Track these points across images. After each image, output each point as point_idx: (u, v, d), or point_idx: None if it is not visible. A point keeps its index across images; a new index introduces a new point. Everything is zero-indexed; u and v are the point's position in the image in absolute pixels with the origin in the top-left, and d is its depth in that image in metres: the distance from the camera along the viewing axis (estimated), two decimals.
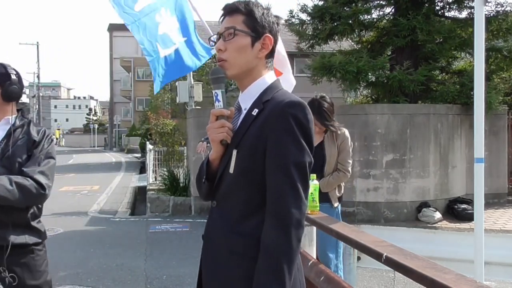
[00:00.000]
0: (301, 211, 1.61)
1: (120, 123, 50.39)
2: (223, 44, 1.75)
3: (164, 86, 21.03)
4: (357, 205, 9.11)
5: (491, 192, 9.98)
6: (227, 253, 1.70)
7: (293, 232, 1.58)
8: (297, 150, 1.62)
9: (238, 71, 1.76)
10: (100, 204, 12.56)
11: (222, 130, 1.71)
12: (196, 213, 10.44)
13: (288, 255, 1.58)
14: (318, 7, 10.69)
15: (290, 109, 1.63)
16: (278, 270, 1.56)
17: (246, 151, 1.67)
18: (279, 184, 1.61)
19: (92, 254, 7.16)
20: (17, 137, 2.62)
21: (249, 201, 1.69)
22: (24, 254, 2.60)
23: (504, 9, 10.27)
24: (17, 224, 2.58)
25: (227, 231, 1.70)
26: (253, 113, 1.71)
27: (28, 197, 2.53)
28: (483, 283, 2.52)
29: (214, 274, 1.75)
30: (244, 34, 1.73)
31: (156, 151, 14.00)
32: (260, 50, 1.75)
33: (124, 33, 51.66)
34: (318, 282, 2.77)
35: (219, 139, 1.72)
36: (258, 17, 1.74)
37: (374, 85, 10.79)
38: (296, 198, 1.60)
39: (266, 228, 1.61)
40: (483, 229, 4.40)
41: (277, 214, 1.60)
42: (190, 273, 6.04)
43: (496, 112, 10.05)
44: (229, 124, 1.72)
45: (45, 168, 2.62)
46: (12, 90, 2.67)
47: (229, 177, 1.71)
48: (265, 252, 1.59)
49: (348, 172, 4.21)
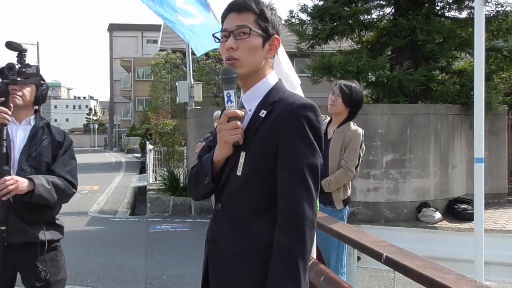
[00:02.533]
0: (314, 211, 1.61)
1: (120, 123, 50.38)
2: (234, 42, 1.71)
3: (164, 86, 21.12)
4: (357, 205, 9.11)
5: (491, 192, 9.98)
6: (235, 256, 1.68)
7: (307, 233, 1.58)
8: (310, 152, 1.63)
9: (248, 70, 1.73)
10: (100, 204, 12.56)
11: (236, 132, 1.66)
12: (196, 213, 10.44)
13: (302, 255, 1.58)
14: (318, 7, 10.70)
15: (303, 111, 1.63)
16: (294, 272, 1.56)
17: (255, 153, 1.66)
18: (293, 185, 1.61)
19: (92, 254, 7.16)
20: (40, 138, 2.68)
21: (256, 203, 1.68)
22: (49, 251, 2.68)
23: (504, 9, 10.28)
24: (46, 222, 2.68)
25: (235, 234, 1.68)
26: (261, 115, 1.69)
27: (63, 196, 2.65)
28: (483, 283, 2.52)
29: (222, 277, 1.73)
30: (257, 34, 1.71)
31: (156, 151, 13.99)
32: (269, 51, 1.75)
33: (124, 33, 51.86)
34: (318, 282, 2.77)
35: (233, 141, 1.67)
36: (269, 17, 1.73)
37: (374, 85, 10.79)
38: (309, 199, 1.61)
39: (280, 230, 1.60)
40: (483, 229, 4.40)
41: (291, 215, 1.59)
42: (190, 273, 6.04)
43: (496, 112, 10.06)
44: (242, 126, 1.68)
45: (71, 168, 2.73)
46: (45, 96, 2.76)
47: (237, 179, 1.69)
48: (280, 253, 1.58)
49: (350, 171, 3.90)
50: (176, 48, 22.02)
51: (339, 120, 4.06)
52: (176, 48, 22.30)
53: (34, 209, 2.60)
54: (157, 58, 21.66)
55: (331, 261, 3.91)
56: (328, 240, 3.63)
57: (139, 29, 52.18)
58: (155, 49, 29.93)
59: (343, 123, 4.03)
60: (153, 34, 45.70)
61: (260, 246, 1.63)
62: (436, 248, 6.40)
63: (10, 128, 2.58)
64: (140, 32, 52.14)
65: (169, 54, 20.71)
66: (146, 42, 52.00)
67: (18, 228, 2.56)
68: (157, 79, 21.85)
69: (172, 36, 27.20)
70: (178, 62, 20.17)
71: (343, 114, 4.04)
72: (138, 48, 52.23)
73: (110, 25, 52.63)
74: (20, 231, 2.56)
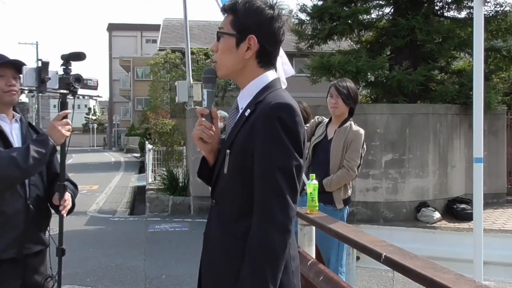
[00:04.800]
0: (286, 216, 1.59)
1: (119, 123, 50.32)
2: (216, 45, 1.77)
3: (163, 86, 21.11)
4: (356, 205, 9.10)
5: (490, 192, 9.96)
6: (221, 253, 1.70)
7: (277, 237, 1.57)
8: (283, 154, 1.59)
9: (226, 72, 1.78)
10: (99, 203, 12.56)
11: (199, 128, 1.75)
12: (195, 212, 10.43)
13: (271, 260, 1.57)
14: (317, 7, 10.69)
15: (276, 112, 1.61)
16: (260, 275, 1.55)
17: (237, 152, 1.68)
18: (264, 189, 1.60)
19: (91, 254, 7.16)
20: (31, 135, 2.61)
21: (242, 202, 1.68)
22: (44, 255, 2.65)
23: (503, 9, 10.28)
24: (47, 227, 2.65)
25: (222, 232, 1.71)
26: (245, 114, 1.71)
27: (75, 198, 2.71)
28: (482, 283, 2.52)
29: (209, 273, 1.77)
30: (228, 36, 1.73)
31: (155, 150, 14.00)
32: (246, 51, 1.72)
33: (123, 32, 51.82)
34: (317, 281, 2.77)
35: (196, 137, 1.76)
36: (242, 17, 1.71)
37: (373, 85, 10.79)
38: (281, 203, 1.58)
39: (252, 232, 1.60)
40: (482, 229, 4.41)
41: (262, 218, 1.59)
42: (189, 272, 6.04)
43: (495, 112, 10.06)
44: (207, 123, 1.75)
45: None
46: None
47: (224, 176, 1.72)
48: (249, 255, 1.59)
49: (352, 171, 3.94)
50: (175, 48, 22.03)
51: (340, 120, 4.09)
52: (175, 48, 22.31)
53: (47, 215, 2.60)
54: (157, 58, 21.67)
55: (331, 261, 3.92)
56: (327, 240, 3.64)
57: (138, 29, 52.13)
58: (155, 49, 29.91)
59: (343, 123, 4.06)
60: (152, 34, 45.68)
61: (243, 244, 1.63)
62: (435, 248, 6.42)
63: (5, 128, 2.48)
64: (139, 32, 52.09)
65: (168, 54, 20.71)
66: (145, 42, 51.96)
67: (35, 237, 2.52)
68: (156, 78, 21.86)
69: (171, 36, 27.27)
70: (177, 62, 20.18)
71: (345, 114, 4.09)
72: (137, 48, 52.18)
73: (109, 24, 52.57)
74: (37, 239, 2.53)
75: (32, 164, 2.33)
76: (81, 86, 2.56)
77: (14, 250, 2.41)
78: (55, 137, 2.46)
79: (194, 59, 17.31)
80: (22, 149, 2.36)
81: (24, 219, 2.44)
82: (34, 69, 2.46)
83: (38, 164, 2.38)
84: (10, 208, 2.39)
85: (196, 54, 18.50)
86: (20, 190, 2.43)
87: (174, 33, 26.89)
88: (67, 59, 2.56)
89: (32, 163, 2.32)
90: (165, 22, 29.49)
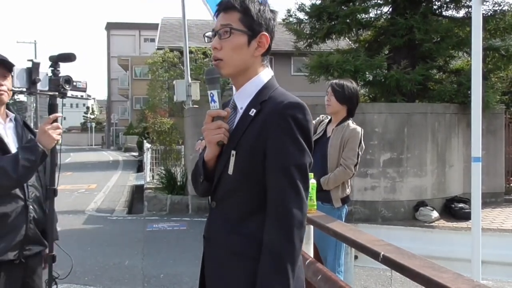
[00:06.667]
0: (302, 211, 1.61)
1: (117, 122, 50.31)
2: (218, 42, 1.72)
3: (161, 85, 21.11)
4: (354, 204, 9.11)
5: (488, 191, 9.98)
6: (228, 254, 1.69)
7: (295, 232, 1.58)
8: (298, 151, 1.62)
9: (234, 70, 1.73)
10: (98, 202, 12.54)
11: (219, 132, 1.68)
12: (194, 211, 10.42)
13: (291, 255, 1.58)
14: (315, 6, 10.70)
15: (290, 111, 1.62)
16: (282, 271, 1.56)
17: (245, 152, 1.66)
18: (280, 185, 1.61)
19: (89, 253, 7.15)
20: (26, 135, 2.57)
21: (249, 202, 1.68)
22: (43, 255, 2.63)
23: (502, 8, 10.30)
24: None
25: (228, 232, 1.69)
26: (250, 113, 1.69)
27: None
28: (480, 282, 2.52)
29: (217, 275, 1.74)
30: (240, 33, 1.70)
31: (154, 149, 14.00)
32: (257, 49, 1.72)
33: (121, 31, 51.77)
34: (315, 281, 2.78)
35: (216, 141, 1.69)
36: (254, 14, 1.71)
37: (372, 84, 10.80)
38: (297, 199, 1.60)
39: (268, 229, 1.60)
40: (480, 228, 4.41)
41: (279, 215, 1.60)
42: (188, 271, 6.04)
43: (493, 111, 10.07)
44: (226, 125, 1.70)
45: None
46: None
47: (229, 178, 1.69)
48: (268, 253, 1.58)
49: (349, 169, 3.91)
50: (173, 47, 22.00)
51: (338, 119, 4.08)
52: (173, 47, 22.28)
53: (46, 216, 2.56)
54: (155, 56, 21.67)
55: (329, 260, 3.91)
56: (325, 239, 3.63)
57: (136, 28, 52.08)
58: (153, 47, 29.92)
59: (342, 122, 4.05)
60: (150, 32, 45.65)
61: (253, 244, 1.63)
62: (433, 247, 6.40)
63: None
64: (137, 31, 52.06)
65: (167, 53, 20.71)
66: (143, 41, 51.91)
67: (35, 238, 2.50)
68: (154, 77, 21.87)
69: (169, 35, 27.26)
70: (175, 61, 20.18)
71: (341, 113, 4.06)
72: (135, 47, 52.13)
73: (107, 23, 52.53)
74: (36, 240, 2.51)
75: (22, 173, 2.28)
76: (70, 88, 2.52)
77: (15, 252, 2.40)
78: (45, 142, 2.38)
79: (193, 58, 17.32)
80: (10, 158, 2.30)
81: (24, 220, 2.42)
82: (25, 70, 2.42)
83: (29, 172, 2.34)
84: (10, 209, 2.37)
85: (194, 53, 18.50)
86: (19, 191, 2.42)
87: (173, 32, 26.89)
88: (56, 61, 2.51)
89: (22, 172, 2.28)
90: (164, 21, 29.49)
